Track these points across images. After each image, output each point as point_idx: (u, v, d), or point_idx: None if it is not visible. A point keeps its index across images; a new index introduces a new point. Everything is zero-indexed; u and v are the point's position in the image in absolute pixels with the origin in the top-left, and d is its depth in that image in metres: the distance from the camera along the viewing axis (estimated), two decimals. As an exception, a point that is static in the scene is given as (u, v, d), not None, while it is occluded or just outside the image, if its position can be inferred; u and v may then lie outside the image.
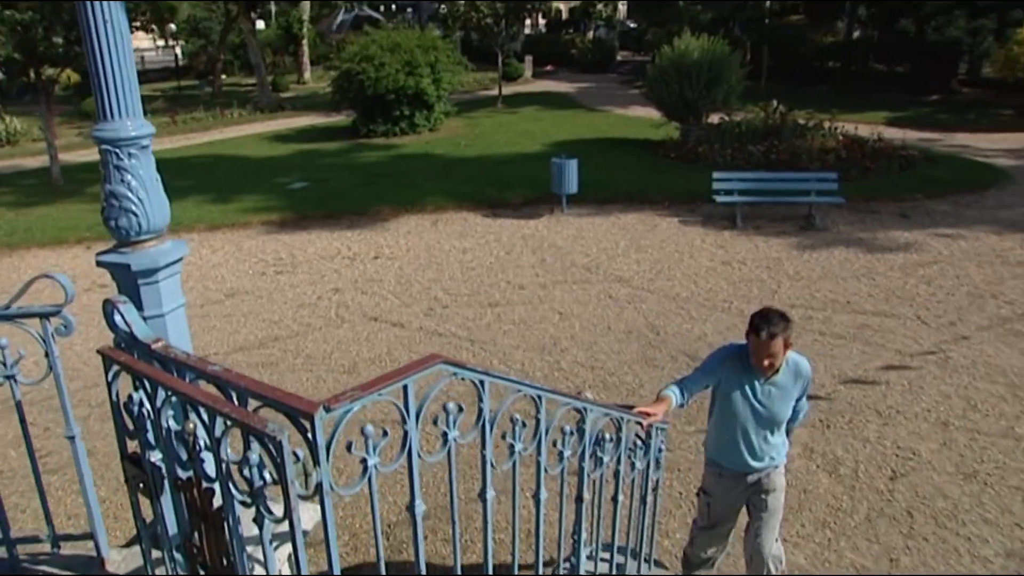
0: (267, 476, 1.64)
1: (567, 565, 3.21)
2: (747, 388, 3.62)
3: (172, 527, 2.13)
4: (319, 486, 1.61)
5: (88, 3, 2.00)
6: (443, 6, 42.59)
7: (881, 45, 27.29)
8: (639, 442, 3.27)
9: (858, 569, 4.58)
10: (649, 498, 3.44)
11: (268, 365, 7.70)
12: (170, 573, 2.19)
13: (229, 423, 1.63)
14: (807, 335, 7.89)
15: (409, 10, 46.77)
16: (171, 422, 1.87)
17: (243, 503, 1.71)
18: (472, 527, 4.89)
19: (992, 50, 22.65)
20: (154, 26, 40.33)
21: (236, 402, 1.70)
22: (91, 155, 21.62)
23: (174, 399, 1.86)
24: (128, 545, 2.72)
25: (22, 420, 2.43)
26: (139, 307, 2.21)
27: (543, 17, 48.82)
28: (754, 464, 3.74)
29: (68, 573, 2.54)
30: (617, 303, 8.98)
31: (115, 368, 1.99)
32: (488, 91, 30.27)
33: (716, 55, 16.86)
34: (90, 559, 2.60)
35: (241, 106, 29.82)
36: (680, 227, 12.04)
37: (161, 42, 56.27)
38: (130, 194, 2.17)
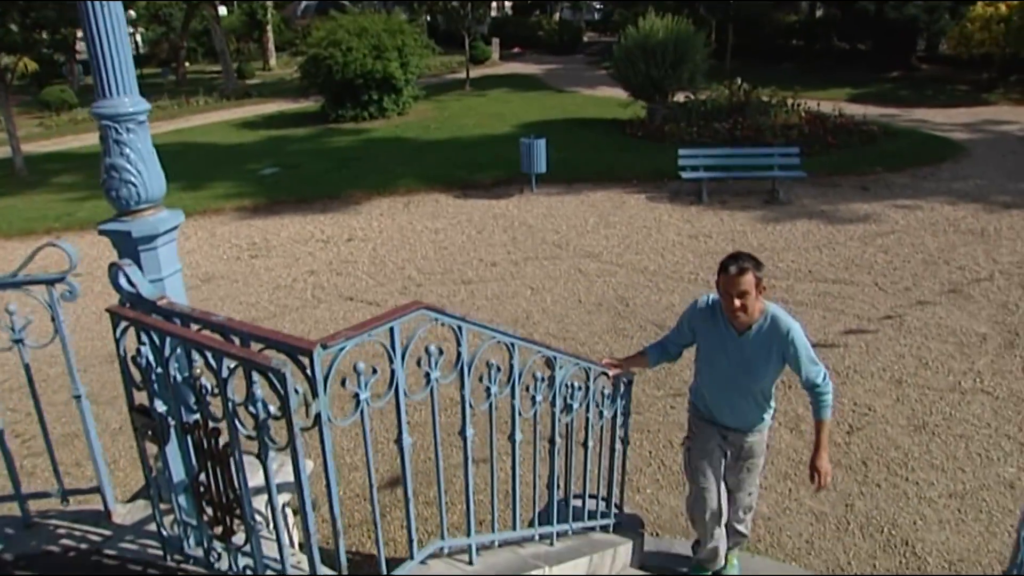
0: (271, 409, 1.84)
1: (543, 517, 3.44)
2: (719, 343, 3.35)
3: (178, 471, 2.32)
4: (318, 416, 1.81)
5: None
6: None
7: (844, 23, 27.71)
8: (606, 392, 3.50)
9: (817, 517, 4.88)
10: (618, 447, 3.68)
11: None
12: (177, 516, 2.38)
13: (235, 363, 1.83)
14: (770, 302, 8.18)
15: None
16: (178, 370, 2.07)
17: (248, 436, 1.91)
18: (452, 490, 5.11)
19: (948, 27, 23.15)
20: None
21: (240, 345, 1.90)
22: (53, 146, 21.43)
23: (179, 349, 2.05)
24: (131, 500, 2.90)
25: (31, 382, 2.60)
26: (119, 280, 2.39)
27: (508, -1, 48.83)
28: (733, 423, 3.50)
29: (78, 526, 2.72)
30: (587, 277, 9.22)
31: (123, 324, 2.17)
32: (456, 74, 30.29)
33: (681, 35, 17.12)
34: (97, 513, 2.78)
35: (207, 94, 29.57)
36: (648, 203, 12.30)
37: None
38: (129, 166, 2.34)
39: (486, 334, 2.40)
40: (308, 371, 1.79)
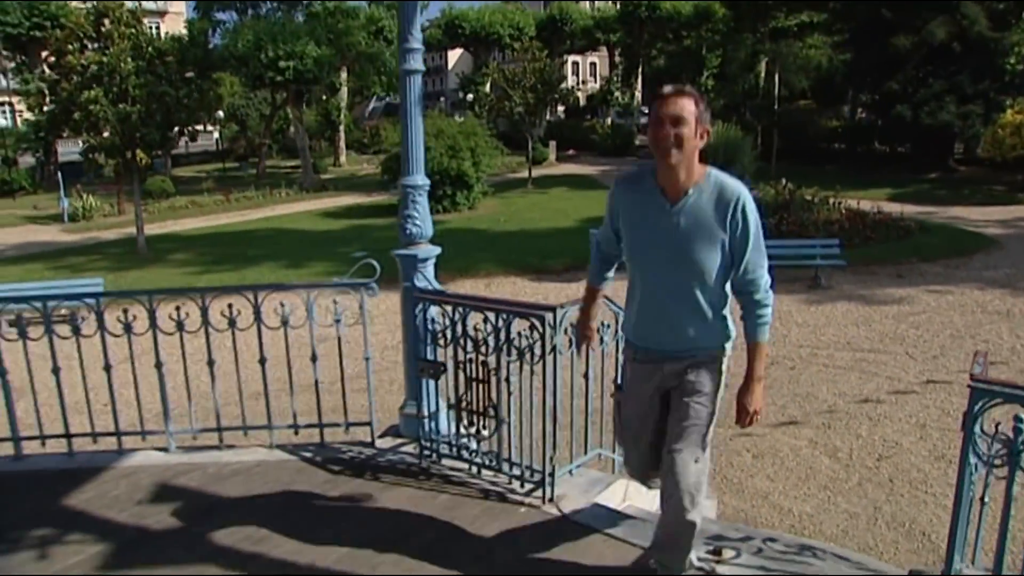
0: (525, 342, 3.36)
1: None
2: (648, 217, 2.65)
3: (436, 402, 3.84)
4: (555, 347, 3.33)
5: (408, 111, 3.83)
6: (469, 95, 45.74)
7: (883, 128, 29.51)
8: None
9: (851, 516, 6.12)
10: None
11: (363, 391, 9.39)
12: (441, 428, 3.89)
13: (509, 316, 3.36)
14: (813, 367, 9.50)
15: (441, 99, 50.01)
16: (462, 328, 3.61)
17: (510, 362, 3.43)
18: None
19: (981, 132, 24.71)
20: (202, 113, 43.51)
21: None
22: (158, 229, 23.79)
23: (462, 316, 3.59)
24: (383, 436, 4.40)
25: (340, 349, 4.17)
26: (413, 281, 3.97)
27: (562, 104, 52.04)
28: (672, 344, 2.73)
29: (354, 448, 4.23)
30: (653, 344, 10.63)
31: (421, 303, 3.74)
32: (516, 174, 32.59)
33: (730, 139, 18.94)
34: (365, 441, 4.29)
35: (288, 186, 32.26)
36: (703, 286, 13.75)
37: (199, 127, 59.91)
38: (416, 215, 3.96)
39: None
40: (550, 321, 3.30)
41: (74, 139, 34.10)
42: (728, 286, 2.67)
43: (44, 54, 20.43)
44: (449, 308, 3.63)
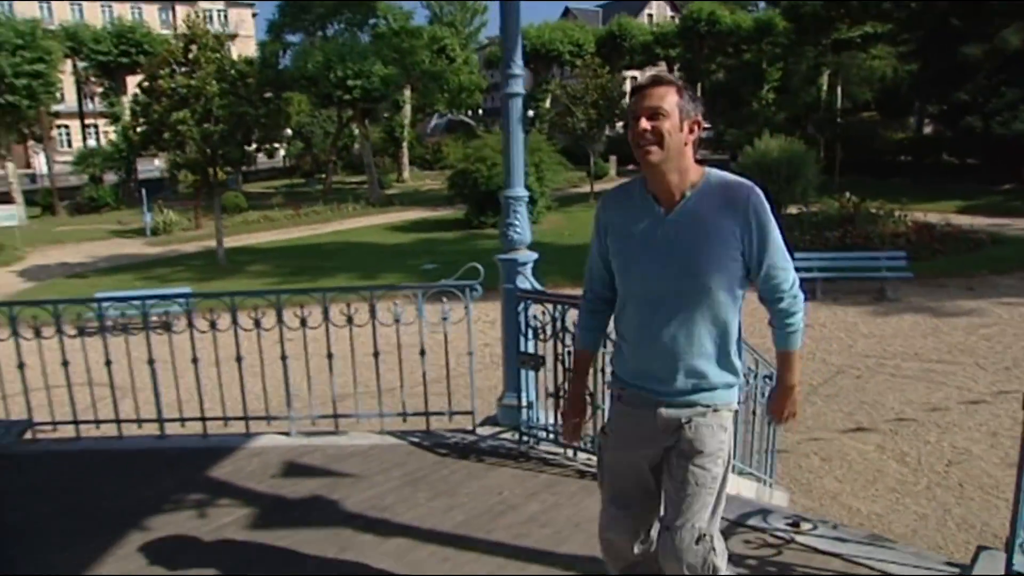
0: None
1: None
2: (639, 229, 2.28)
3: (532, 388, 4.24)
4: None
5: (510, 129, 4.27)
6: (530, 111, 46.33)
7: (952, 140, 29.00)
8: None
9: (920, 517, 6.31)
10: (768, 427, 5.36)
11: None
12: (545, 410, 4.29)
13: (605, 312, 3.75)
14: (879, 376, 9.64)
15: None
16: (561, 324, 4.01)
17: (606, 353, 3.81)
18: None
19: (1057, 141, 24.17)
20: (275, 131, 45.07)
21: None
22: (233, 242, 24.71)
23: (562, 312, 3.99)
24: (481, 424, 4.82)
25: (445, 343, 4.62)
26: (515, 282, 4.39)
27: (621, 119, 52.27)
28: (668, 384, 2.28)
29: (457, 434, 4.67)
30: (719, 353, 10.87)
31: (523, 302, 4.15)
32: (577, 188, 32.96)
33: (794, 154, 19.01)
34: (466, 429, 4.73)
35: (355, 201, 33.20)
36: (768, 297, 13.92)
37: (275, 144, 61.98)
38: (517, 223, 4.38)
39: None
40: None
41: (151, 158, 36.15)
42: (738, 310, 2.29)
43: (136, 79, 21.72)
44: (550, 306, 4.04)
